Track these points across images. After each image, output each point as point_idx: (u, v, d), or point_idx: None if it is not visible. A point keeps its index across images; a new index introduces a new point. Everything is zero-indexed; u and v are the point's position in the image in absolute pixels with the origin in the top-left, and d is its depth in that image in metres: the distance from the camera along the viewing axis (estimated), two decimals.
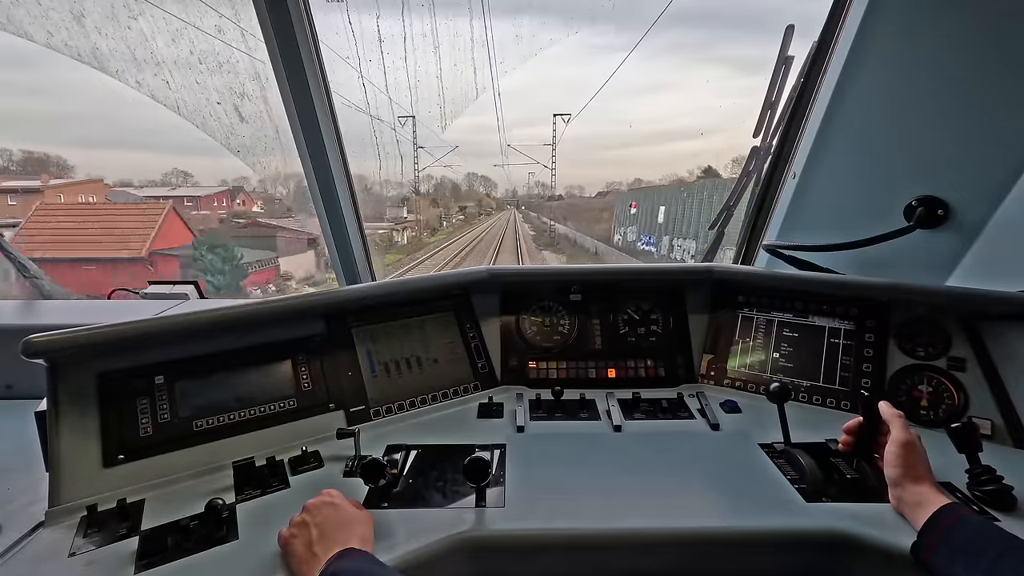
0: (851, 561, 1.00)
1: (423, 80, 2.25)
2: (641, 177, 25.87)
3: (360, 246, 2.09)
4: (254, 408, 1.30)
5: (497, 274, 1.68)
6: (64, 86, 43.22)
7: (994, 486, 1.04)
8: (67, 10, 1.79)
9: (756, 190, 2.01)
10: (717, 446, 1.31)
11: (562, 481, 1.16)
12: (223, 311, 1.28)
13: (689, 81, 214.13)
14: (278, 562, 0.92)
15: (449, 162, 26.45)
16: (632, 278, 1.81)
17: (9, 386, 1.66)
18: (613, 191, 27.67)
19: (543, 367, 1.66)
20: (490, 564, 1.02)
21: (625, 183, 28.36)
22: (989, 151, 1.47)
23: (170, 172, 20.19)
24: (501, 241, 24.57)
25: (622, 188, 26.29)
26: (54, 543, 0.99)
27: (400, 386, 1.50)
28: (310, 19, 1.63)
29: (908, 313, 1.46)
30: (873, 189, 1.68)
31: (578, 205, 32.33)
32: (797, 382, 1.52)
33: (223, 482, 1.16)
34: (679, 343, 1.69)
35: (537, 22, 2.18)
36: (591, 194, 37.78)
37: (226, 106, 2.05)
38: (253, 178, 17.00)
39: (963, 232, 1.59)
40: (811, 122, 1.70)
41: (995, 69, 1.37)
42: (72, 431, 1.12)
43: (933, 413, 1.37)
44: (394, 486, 1.13)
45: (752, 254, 2.10)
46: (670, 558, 1.03)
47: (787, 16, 1.74)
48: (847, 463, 1.19)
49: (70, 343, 1.12)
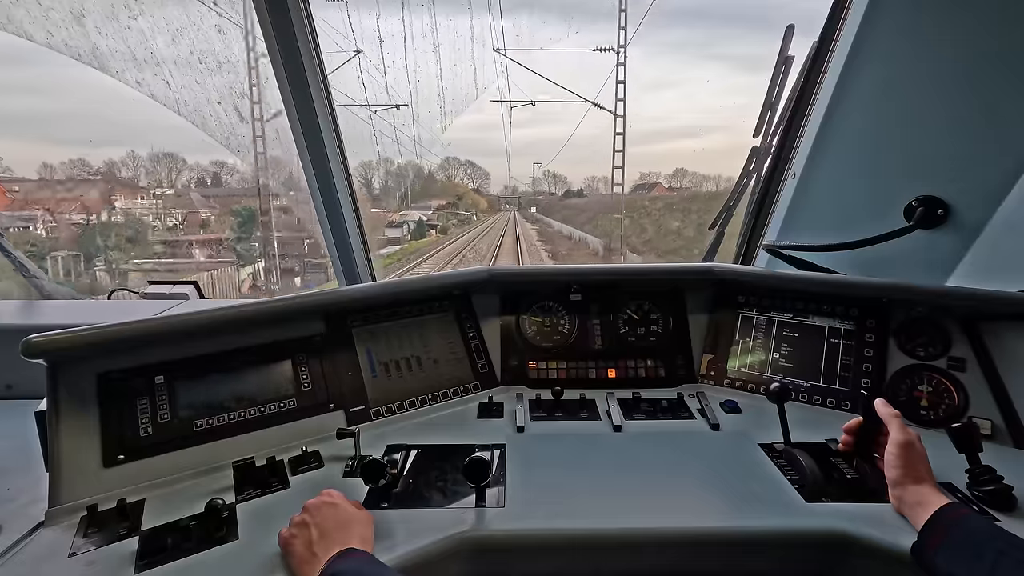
0: (851, 561, 1.00)
1: (423, 80, 2.26)
2: (685, 167, 20.66)
3: (360, 246, 2.09)
4: (254, 408, 1.30)
5: (497, 274, 1.68)
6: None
7: (994, 486, 1.04)
8: (67, 10, 1.79)
9: (756, 190, 2.01)
10: (717, 446, 1.31)
11: (562, 481, 1.16)
12: (223, 311, 1.28)
13: (689, 79, 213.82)
14: (278, 562, 0.92)
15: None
16: (632, 278, 1.81)
17: (9, 386, 1.66)
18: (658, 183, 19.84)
19: (543, 367, 1.66)
20: (490, 564, 1.02)
21: (662, 173, 22.48)
22: (989, 151, 1.47)
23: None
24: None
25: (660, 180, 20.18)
26: (54, 543, 0.99)
27: (400, 386, 1.50)
28: (310, 19, 1.63)
29: (908, 313, 1.46)
30: (873, 189, 1.68)
31: (604, 204, 21.16)
32: (797, 382, 1.52)
33: (223, 482, 1.16)
34: (679, 343, 1.69)
35: (537, 20, 2.19)
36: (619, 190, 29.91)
37: (226, 106, 2.05)
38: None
39: (963, 232, 1.59)
40: (811, 122, 1.70)
41: (995, 69, 1.37)
42: (72, 431, 1.12)
43: (933, 413, 1.37)
44: (394, 486, 1.13)
45: (752, 254, 2.10)
46: (670, 558, 1.03)
47: (787, 14, 1.74)
48: (847, 463, 1.19)
49: (70, 343, 1.12)
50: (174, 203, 7.52)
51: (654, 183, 21.78)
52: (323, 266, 8.07)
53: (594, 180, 32.10)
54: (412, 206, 18.27)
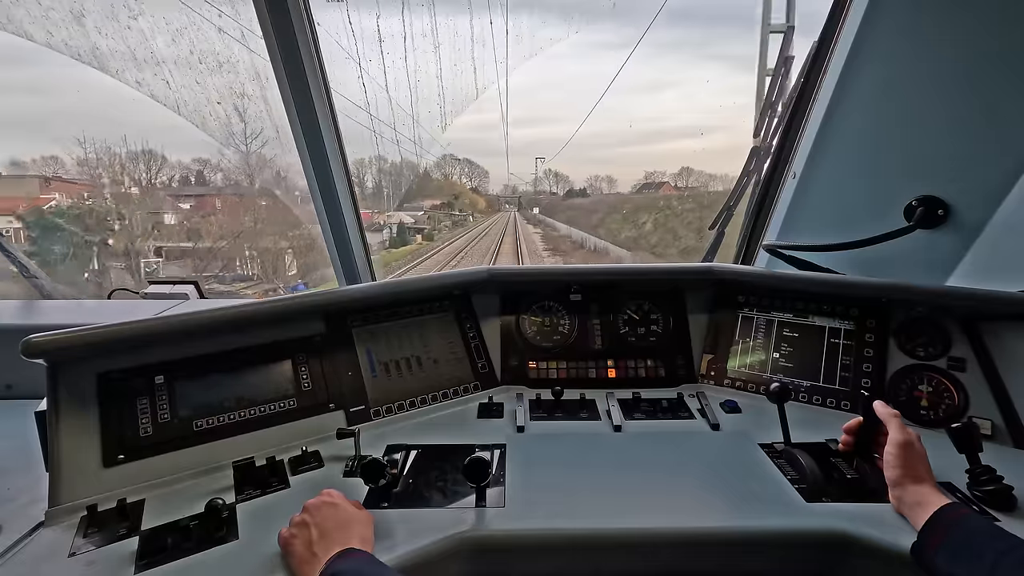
0: (851, 561, 1.00)
1: (423, 80, 2.26)
2: (691, 166, 19.02)
3: (360, 246, 2.09)
4: (254, 408, 1.30)
5: (497, 274, 1.68)
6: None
7: (994, 486, 1.04)
8: (67, 9, 1.79)
9: (756, 190, 2.01)
10: (717, 446, 1.31)
11: (562, 481, 1.16)
12: (223, 311, 1.28)
13: (688, 79, 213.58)
14: (278, 562, 0.92)
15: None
16: (632, 278, 1.81)
17: (9, 386, 1.66)
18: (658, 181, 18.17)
19: (543, 367, 1.66)
20: (490, 564, 1.02)
21: (667, 172, 21.02)
22: (989, 151, 1.47)
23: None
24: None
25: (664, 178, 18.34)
26: (54, 543, 0.99)
27: (400, 386, 1.50)
28: (310, 19, 1.63)
29: (908, 313, 1.46)
30: (873, 189, 1.68)
31: (614, 204, 20.69)
32: (797, 382, 1.52)
33: (223, 482, 1.16)
34: (679, 343, 1.69)
35: (538, 20, 2.20)
36: (626, 188, 26.83)
37: (226, 106, 2.05)
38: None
39: (963, 232, 1.59)
40: (811, 122, 1.70)
41: (995, 69, 1.37)
42: (72, 431, 1.12)
43: (933, 413, 1.37)
44: (394, 486, 1.13)
45: (752, 254, 2.10)
46: (670, 558, 1.03)
47: (787, 14, 1.74)
48: (847, 463, 1.19)
49: (70, 343, 1.12)
50: (135, 203, 7.12)
51: (661, 182, 20.70)
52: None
53: (597, 179, 31.29)
54: (406, 206, 15.82)
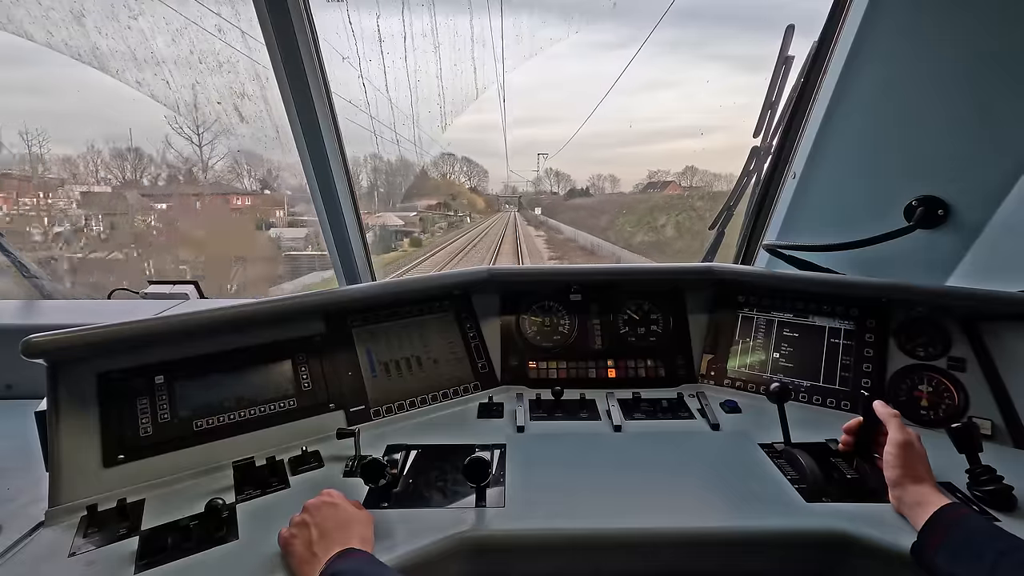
0: (851, 561, 1.00)
1: (423, 80, 2.26)
2: (695, 165, 18.20)
3: (360, 246, 2.09)
4: (254, 408, 1.30)
5: (497, 274, 1.68)
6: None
7: (994, 486, 1.04)
8: (67, 9, 1.79)
9: (756, 190, 2.01)
10: (717, 446, 1.31)
11: (562, 481, 1.16)
12: (223, 311, 1.28)
13: (688, 79, 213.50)
14: (278, 562, 0.92)
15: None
16: (632, 278, 1.81)
17: (9, 386, 1.66)
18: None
19: (543, 367, 1.66)
20: (490, 564, 1.02)
21: (672, 172, 20.24)
22: (989, 151, 1.47)
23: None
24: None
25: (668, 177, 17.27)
26: (54, 543, 0.99)
27: (400, 386, 1.50)
28: (310, 19, 1.63)
29: (908, 313, 1.46)
30: (873, 189, 1.68)
31: (618, 204, 19.12)
32: (797, 382, 1.52)
33: (223, 482, 1.16)
34: (679, 343, 1.69)
35: (538, 20, 2.19)
36: (628, 188, 24.60)
37: (226, 106, 2.05)
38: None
39: (963, 232, 1.59)
40: (811, 122, 1.70)
41: (995, 69, 1.37)
42: (72, 431, 1.12)
43: (933, 413, 1.37)
44: (394, 486, 1.13)
45: (752, 254, 2.10)
46: (670, 558, 1.03)
47: (787, 14, 1.74)
48: (847, 463, 1.19)
49: (70, 343, 1.12)
50: (103, 204, 6.82)
51: (667, 181, 19.96)
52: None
53: (599, 179, 29.26)
54: (401, 206, 14.51)
